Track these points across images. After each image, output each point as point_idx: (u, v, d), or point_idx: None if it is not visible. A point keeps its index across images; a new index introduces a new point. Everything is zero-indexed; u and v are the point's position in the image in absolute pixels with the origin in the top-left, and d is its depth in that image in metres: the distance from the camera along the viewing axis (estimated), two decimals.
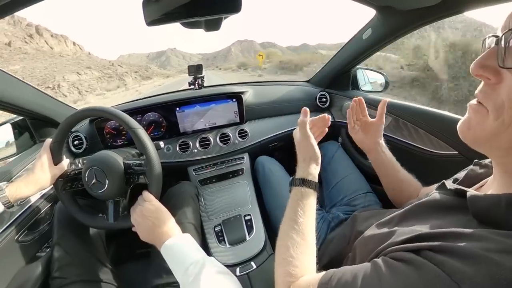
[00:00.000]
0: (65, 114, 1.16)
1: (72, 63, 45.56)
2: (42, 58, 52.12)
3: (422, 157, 1.07)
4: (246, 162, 1.37)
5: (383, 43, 1.11)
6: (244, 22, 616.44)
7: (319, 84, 1.62)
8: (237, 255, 0.96)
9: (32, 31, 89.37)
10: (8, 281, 0.79)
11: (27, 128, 1.13)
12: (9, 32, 79.04)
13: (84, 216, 0.83)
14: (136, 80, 34.98)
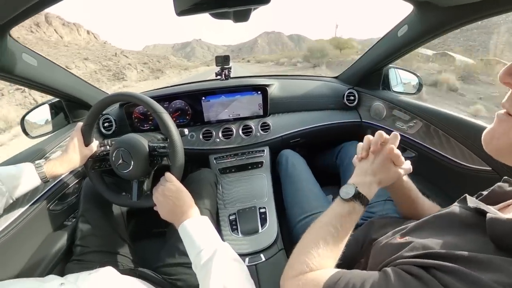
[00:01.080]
0: (97, 97, 1.25)
1: (70, 54, 41.56)
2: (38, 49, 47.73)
3: (451, 169, 0.99)
4: (266, 156, 1.38)
5: (420, 42, 1.03)
6: (272, 13, 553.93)
7: (348, 81, 1.56)
8: (248, 245, 0.97)
9: (40, 19, 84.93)
10: (39, 243, 0.89)
11: (62, 109, 1.23)
12: None
13: (110, 194, 0.89)
14: (141, 74, 32.06)
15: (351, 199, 0.57)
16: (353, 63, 1.51)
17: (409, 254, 0.41)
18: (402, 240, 0.48)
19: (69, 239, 0.93)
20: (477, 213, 0.42)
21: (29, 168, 0.76)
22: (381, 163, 0.61)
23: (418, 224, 0.51)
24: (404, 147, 1.19)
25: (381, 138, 0.63)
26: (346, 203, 0.57)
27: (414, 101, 1.16)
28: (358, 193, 0.57)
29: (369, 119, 1.42)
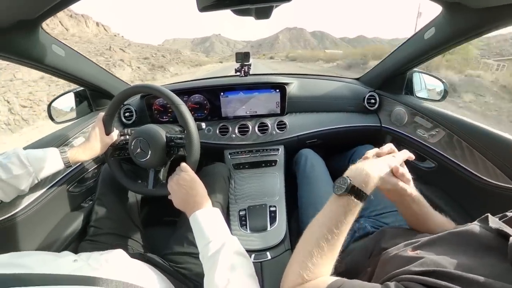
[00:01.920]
0: (119, 88, 1.31)
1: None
2: None
3: (472, 184, 0.92)
4: (281, 155, 1.37)
5: (447, 46, 0.97)
6: (294, 9, 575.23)
7: (370, 84, 1.51)
8: (255, 242, 0.98)
9: None
10: (57, 221, 0.96)
11: (86, 97, 1.30)
12: None
13: (127, 181, 0.93)
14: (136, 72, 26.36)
15: (345, 193, 0.51)
16: (376, 65, 1.46)
17: (417, 269, 0.39)
18: (413, 253, 0.46)
19: (85, 220, 0.99)
20: (499, 236, 0.39)
21: (55, 153, 0.81)
22: (383, 163, 0.57)
23: (432, 239, 0.48)
24: (423, 156, 1.14)
25: (390, 150, 0.61)
26: (340, 199, 0.52)
27: (438, 109, 1.10)
28: (352, 186, 0.51)
29: (389, 124, 1.37)
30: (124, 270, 0.60)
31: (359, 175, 0.53)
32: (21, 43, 0.83)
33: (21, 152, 0.74)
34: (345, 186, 0.51)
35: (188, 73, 31.28)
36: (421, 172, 1.13)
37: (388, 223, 0.91)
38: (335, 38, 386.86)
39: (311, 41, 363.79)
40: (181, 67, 38.94)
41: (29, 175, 0.74)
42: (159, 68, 30.93)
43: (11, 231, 0.78)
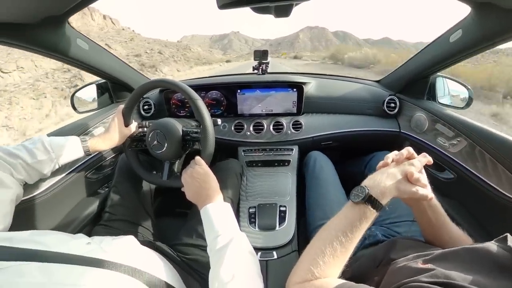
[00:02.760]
0: (139, 82, 1.36)
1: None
2: None
3: (493, 199, 0.86)
4: (294, 155, 1.37)
5: (475, 50, 0.91)
6: (316, 8, 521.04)
7: (390, 87, 1.45)
8: (262, 240, 0.98)
9: None
10: (74, 205, 1.00)
11: (108, 89, 1.36)
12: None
13: (142, 172, 0.96)
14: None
15: (362, 202, 0.52)
16: (398, 67, 1.41)
17: (427, 279, 0.38)
18: (424, 266, 0.44)
19: (100, 206, 1.04)
20: None
21: (76, 141, 0.85)
22: (402, 171, 0.56)
23: (444, 253, 0.47)
24: (442, 166, 1.09)
25: (409, 153, 0.59)
26: (357, 207, 0.53)
27: (461, 117, 1.05)
28: (370, 196, 0.52)
29: (408, 130, 1.32)
30: (133, 256, 0.62)
31: (377, 186, 0.54)
32: (49, 38, 0.88)
33: (45, 139, 0.79)
34: (363, 195, 0.52)
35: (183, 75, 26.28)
36: (438, 183, 1.08)
37: (401, 232, 0.89)
38: (358, 39, 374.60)
39: (333, 41, 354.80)
40: (182, 65, 34.17)
41: (51, 161, 0.78)
42: (150, 68, 27.83)
43: (33, 211, 0.83)
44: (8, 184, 0.67)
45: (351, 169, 1.44)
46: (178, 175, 0.91)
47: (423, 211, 0.62)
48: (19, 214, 0.70)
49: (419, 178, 0.54)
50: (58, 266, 0.48)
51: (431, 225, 0.63)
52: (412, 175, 0.53)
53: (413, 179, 0.54)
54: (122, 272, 0.54)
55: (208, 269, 0.61)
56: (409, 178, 0.54)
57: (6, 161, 0.69)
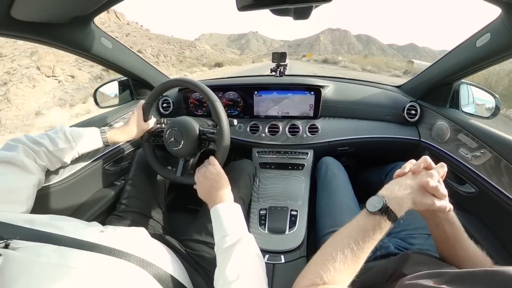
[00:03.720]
0: (160, 80, 1.40)
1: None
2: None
3: None
4: (309, 159, 1.35)
5: (504, 55, 0.85)
6: (338, 9, 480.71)
7: (411, 93, 1.40)
8: (271, 243, 0.97)
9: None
10: (91, 194, 1.05)
11: (129, 86, 1.41)
12: None
13: (158, 166, 0.99)
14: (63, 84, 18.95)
15: (378, 212, 0.51)
16: (420, 72, 1.35)
17: None
18: (434, 285, 0.42)
19: (115, 196, 1.08)
20: None
21: (95, 132, 0.89)
22: (419, 183, 0.54)
23: (461, 274, 0.43)
24: (463, 179, 1.03)
25: (426, 163, 0.56)
26: (372, 217, 0.52)
27: (486, 127, 0.99)
28: (387, 207, 0.51)
29: (429, 139, 1.26)
30: (143, 248, 0.64)
31: (394, 197, 0.53)
32: (75, 36, 0.94)
33: (67, 129, 0.83)
34: (380, 205, 0.51)
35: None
36: (458, 196, 1.03)
37: (415, 244, 0.85)
38: (382, 44, 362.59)
39: (356, 45, 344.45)
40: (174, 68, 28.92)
41: (71, 150, 0.82)
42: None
43: (52, 196, 0.88)
44: (32, 170, 0.71)
45: (369, 178, 1.40)
46: (191, 173, 0.92)
47: (439, 224, 0.59)
48: (39, 199, 0.74)
49: (437, 187, 0.52)
50: (72, 251, 0.51)
51: (446, 239, 0.60)
52: (428, 184, 0.52)
53: (429, 187, 0.52)
54: (131, 262, 0.56)
55: (214, 267, 0.62)
56: (426, 187, 0.52)
57: (31, 148, 0.73)
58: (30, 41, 0.86)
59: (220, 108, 0.86)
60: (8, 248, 0.45)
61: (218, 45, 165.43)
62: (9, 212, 0.58)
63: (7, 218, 0.53)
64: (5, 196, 0.61)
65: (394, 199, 0.52)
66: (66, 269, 0.46)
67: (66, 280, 0.44)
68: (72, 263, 0.48)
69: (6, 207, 0.59)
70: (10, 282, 0.40)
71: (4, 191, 0.61)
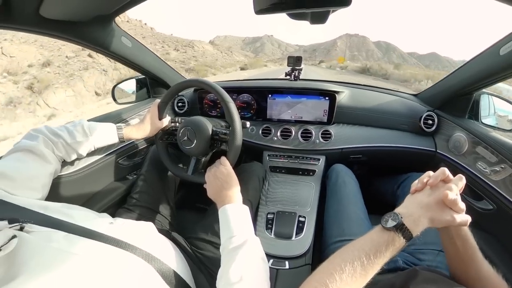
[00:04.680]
0: (176, 80, 1.44)
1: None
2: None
3: None
4: (321, 165, 1.33)
5: None
6: (357, 14, 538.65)
7: (429, 102, 1.35)
8: (276, 248, 0.97)
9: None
10: (103, 186, 1.08)
11: (146, 85, 1.46)
12: None
13: (170, 164, 1.01)
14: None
15: (393, 229, 0.50)
16: (439, 81, 1.30)
17: None
18: None
19: (127, 190, 1.11)
20: None
21: (112, 128, 0.92)
22: (437, 200, 0.52)
23: None
24: (480, 195, 0.98)
25: (444, 175, 0.54)
26: (386, 233, 0.51)
27: (508, 140, 0.94)
28: (402, 224, 0.50)
29: (445, 150, 1.21)
30: (149, 242, 0.65)
31: (411, 215, 0.52)
32: (97, 34, 0.98)
33: (85, 123, 0.87)
34: (396, 222, 0.51)
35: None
36: (474, 213, 0.95)
37: (424, 260, 0.82)
38: (403, 52, 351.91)
39: (374, 52, 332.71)
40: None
41: (88, 143, 0.85)
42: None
43: (66, 186, 0.91)
44: (49, 159, 0.75)
45: (381, 188, 1.37)
46: (202, 172, 0.93)
47: (451, 238, 0.57)
48: (54, 187, 0.78)
49: (456, 201, 0.50)
50: (81, 239, 0.53)
51: (458, 256, 0.58)
52: (447, 197, 0.50)
53: (447, 200, 0.50)
54: (137, 255, 0.57)
55: (218, 267, 0.62)
56: (444, 200, 0.51)
57: (50, 139, 0.77)
58: (55, 38, 0.90)
59: (234, 109, 0.87)
60: (22, 231, 0.47)
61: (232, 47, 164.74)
62: (26, 197, 0.61)
63: (23, 203, 0.56)
64: (23, 182, 0.64)
65: (411, 217, 0.51)
66: (73, 256, 0.47)
67: (72, 267, 0.45)
68: (79, 250, 0.49)
69: (23, 193, 0.62)
70: (22, 264, 0.42)
71: (22, 177, 0.65)
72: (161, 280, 0.58)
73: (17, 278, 0.39)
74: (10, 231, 0.45)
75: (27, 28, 0.80)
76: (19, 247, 0.43)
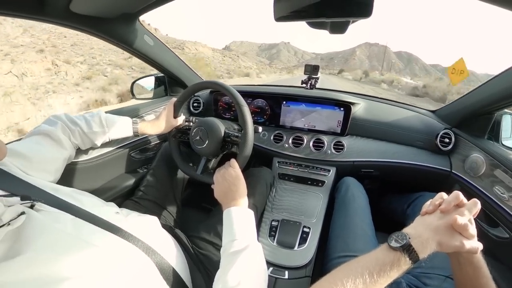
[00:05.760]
0: (194, 80, 1.48)
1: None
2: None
3: None
4: (330, 176, 1.31)
5: None
6: (377, 23, 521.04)
7: (447, 120, 1.29)
8: (277, 256, 0.95)
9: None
10: (113, 177, 1.12)
11: (164, 83, 1.50)
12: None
13: (180, 161, 1.03)
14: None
15: (399, 249, 0.48)
16: (459, 98, 1.25)
17: None
18: None
19: (136, 183, 1.14)
20: None
21: (128, 121, 0.95)
22: (447, 224, 0.50)
23: None
24: (496, 221, 0.93)
25: (457, 200, 0.52)
26: (392, 252, 0.49)
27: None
28: (409, 245, 0.48)
29: (461, 171, 1.15)
30: (152, 236, 0.66)
31: (419, 237, 0.50)
32: (121, 31, 1.03)
33: (102, 114, 0.90)
34: (403, 243, 0.49)
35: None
36: (488, 240, 0.92)
37: (430, 285, 0.79)
38: (425, 64, 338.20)
39: (395, 63, 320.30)
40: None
41: (103, 134, 0.89)
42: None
43: (78, 172, 0.95)
44: (65, 145, 0.78)
45: (392, 205, 1.33)
46: (211, 172, 0.95)
47: (462, 265, 0.55)
48: (66, 172, 0.81)
49: (466, 226, 0.48)
50: (86, 224, 0.55)
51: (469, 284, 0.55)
52: (456, 221, 0.48)
53: (456, 225, 0.48)
54: (138, 246, 0.58)
55: (216, 269, 0.62)
56: (453, 225, 0.49)
57: (68, 127, 0.81)
58: (83, 32, 0.95)
59: (247, 113, 0.88)
60: (33, 208, 0.49)
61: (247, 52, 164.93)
62: (39, 178, 0.64)
63: (36, 183, 0.59)
64: (38, 164, 0.68)
65: (419, 238, 0.50)
66: (77, 240, 0.49)
67: (73, 250, 0.47)
68: (83, 236, 0.51)
69: (37, 174, 0.65)
70: (27, 241, 0.43)
71: (38, 159, 0.68)
72: (158, 275, 0.59)
73: (21, 254, 0.40)
74: (21, 207, 0.47)
75: (57, 21, 0.85)
76: (26, 223, 0.45)
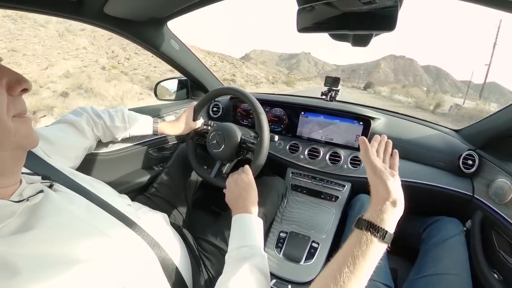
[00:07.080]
0: (214, 86, 1.54)
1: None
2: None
3: None
4: (345, 192, 1.26)
5: None
6: (404, 36, 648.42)
7: (471, 140, 1.20)
8: (282, 269, 0.94)
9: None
10: (129, 171, 1.16)
11: (187, 86, 1.57)
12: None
13: (195, 163, 1.06)
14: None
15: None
16: (485, 117, 1.16)
17: None
18: None
19: (150, 180, 1.17)
20: None
21: (148, 120, 1.00)
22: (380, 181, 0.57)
23: None
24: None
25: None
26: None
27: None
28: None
29: (484, 197, 1.04)
30: (159, 232, 0.67)
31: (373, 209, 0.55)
32: (150, 34, 1.09)
33: (125, 111, 0.95)
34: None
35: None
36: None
37: None
38: (455, 80, 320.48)
39: (423, 78, 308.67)
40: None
41: (125, 129, 0.93)
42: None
43: (96, 163, 1.00)
44: (87, 135, 0.84)
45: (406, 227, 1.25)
46: (224, 177, 0.96)
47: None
48: (85, 162, 0.86)
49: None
50: (99, 210, 0.57)
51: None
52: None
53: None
54: (145, 240, 0.59)
55: (219, 274, 0.61)
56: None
57: (92, 119, 0.87)
58: (114, 33, 1.01)
59: (265, 121, 0.89)
60: (51, 188, 0.52)
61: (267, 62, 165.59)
62: (60, 163, 0.68)
63: (57, 165, 0.63)
64: (60, 149, 0.73)
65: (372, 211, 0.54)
66: (88, 226, 0.50)
67: (84, 235, 0.48)
68: (94, 222, 0.53)
69: (58, 158, 0.70)
70: (40, 218, 0.45)
71: (61, 144, 0.73)
72: (161, 271, 0.59)
73: (31, 230, 0.42)
74: (40, 185, 0.50)
75: (91, 21, 0.91)
76: (43, 201, 0.47)
